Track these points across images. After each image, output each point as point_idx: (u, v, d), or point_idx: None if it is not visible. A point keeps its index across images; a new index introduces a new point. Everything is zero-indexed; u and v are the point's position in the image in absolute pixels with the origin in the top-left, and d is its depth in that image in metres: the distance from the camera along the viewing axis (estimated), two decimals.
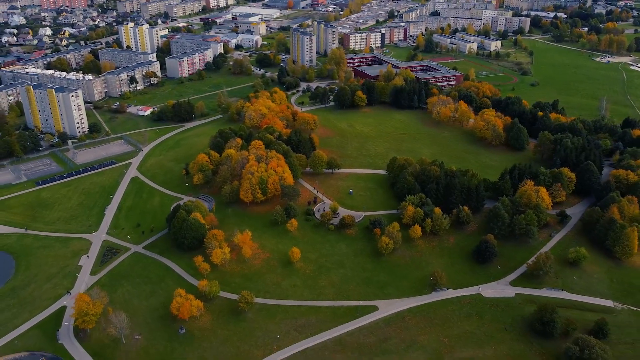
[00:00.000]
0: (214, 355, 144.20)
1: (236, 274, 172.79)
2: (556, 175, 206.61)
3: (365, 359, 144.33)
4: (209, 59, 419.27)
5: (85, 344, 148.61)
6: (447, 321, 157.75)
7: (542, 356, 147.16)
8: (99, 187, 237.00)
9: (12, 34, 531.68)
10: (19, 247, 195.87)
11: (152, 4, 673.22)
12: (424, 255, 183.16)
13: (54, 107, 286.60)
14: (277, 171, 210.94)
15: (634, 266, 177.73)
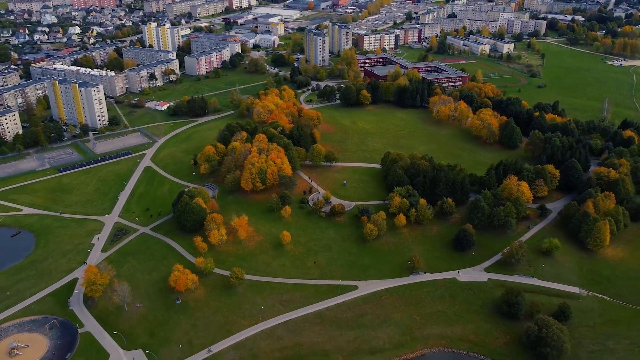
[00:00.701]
0: (204, 323, 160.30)
1: (231, 254, 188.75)
2: (539, 172, 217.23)
3: (342, 332, 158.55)
4: (226, 57, 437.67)
5: (92, 311, 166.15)
6: (421, 301, 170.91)
7: (506, 335, 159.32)
8: (114, 174, 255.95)
9: (43, 32, 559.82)
10: (39, 226, 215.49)
11: (177, 5, 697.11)
12: (406, 242, 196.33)
13: (77, 100, 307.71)
14: (276, 162, 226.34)
15: (605, 257, 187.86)
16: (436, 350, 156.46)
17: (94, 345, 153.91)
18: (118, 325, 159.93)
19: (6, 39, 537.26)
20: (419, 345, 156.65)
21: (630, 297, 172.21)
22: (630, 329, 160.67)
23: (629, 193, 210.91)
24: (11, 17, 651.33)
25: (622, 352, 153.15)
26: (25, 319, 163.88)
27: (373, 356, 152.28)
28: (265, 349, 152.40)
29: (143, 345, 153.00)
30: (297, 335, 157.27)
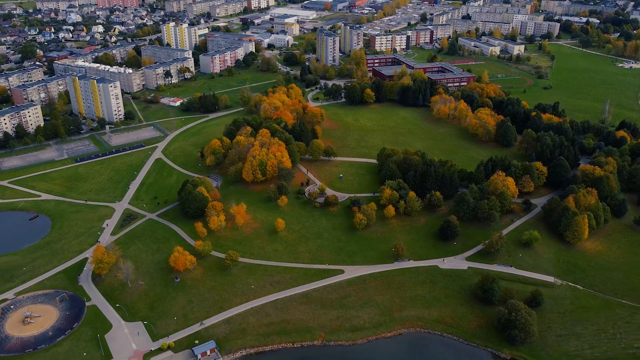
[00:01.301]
0: (199, 300, 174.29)
1: (228, 239, 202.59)
2: (527, 168, 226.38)
3: (325, 311, 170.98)
4: (240, 56, 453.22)
5: (99, 286, 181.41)
6: (402, 286, 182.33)
7: (480, 319, 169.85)
8: (127, 165, 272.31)
9: (68, 31, 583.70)
10: (55, 211, 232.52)
11: (197, 5, 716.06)
12: (394, 231, 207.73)
13: (95, 96, 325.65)
14: (276, 155, 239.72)
15: (582, 249, 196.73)
16: (413, 330, 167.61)
17: (99, 316, 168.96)
18: (121, 300, 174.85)
19: (33, 36, 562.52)
20: (397, 325, 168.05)
21: (601, 287, 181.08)
22: (599, 316, 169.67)
23: (613, 190, 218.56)
24: (39, 16, 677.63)
25: (589, 337, 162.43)
26: (38, 292, 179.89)
27: (353, 333, 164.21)
28: (254, 324, 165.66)
29: (143, 318, 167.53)
30: (284, 313, 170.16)
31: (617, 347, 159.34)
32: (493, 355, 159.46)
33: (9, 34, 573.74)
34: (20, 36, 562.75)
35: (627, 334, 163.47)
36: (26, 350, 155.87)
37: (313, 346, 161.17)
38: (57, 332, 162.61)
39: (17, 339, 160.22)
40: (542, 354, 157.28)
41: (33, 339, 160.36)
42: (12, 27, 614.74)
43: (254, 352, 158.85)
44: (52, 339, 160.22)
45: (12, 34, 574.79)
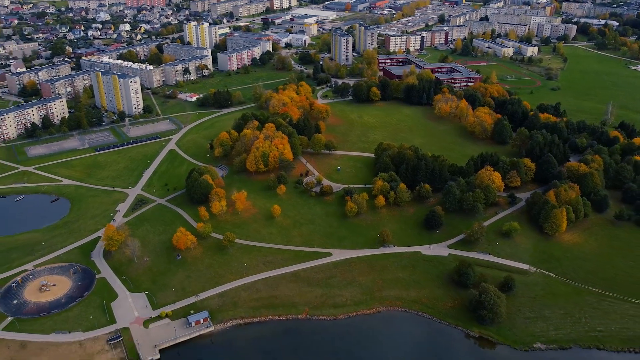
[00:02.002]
0: (197, 276, 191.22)
1: (228, 222, 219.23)
2: (515, 164, 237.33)
3: (311, 289, 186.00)
4: (256, 55, 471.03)
5: (109, 261, 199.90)
6: (385, 269, 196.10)
7: (454, 300, 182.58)
8: (142, 155, 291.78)
9: (96, 29, 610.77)
10: (75, 194, 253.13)
11: (221, 5, 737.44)
12: (383, 220, 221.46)
13: (116, 90, 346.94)
14: (278, 148, 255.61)
15: (560, 241, 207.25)
16: (390, 309, 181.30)
17: (107, 287, 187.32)
18: (127, 273, 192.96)
19: (64, 34, 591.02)
20: (376, 304, 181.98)
21: (573, 275, 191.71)
22: (567, 302, 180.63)
23: (597, 186, 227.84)
24: (70, 15, 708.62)
25: (555, 320, 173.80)
26: (54, 265, 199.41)
27: (335, 309, 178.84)
28: (245, 298, 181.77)
29: (145, 289, 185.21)
30: (273, 289, 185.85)
31: (580, 329, 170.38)
32: (463, 333, 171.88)
33: (41, 31, 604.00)
34: (52, 34, 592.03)
35: (592, 319, 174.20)
36: (41, 314, 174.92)
37: (297, 319, 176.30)
38: (69, 300, 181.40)
39: (34, 304, 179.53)
40: (509, 334, 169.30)
41: (48, 304, 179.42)
42: (45, 25, 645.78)
43: (243, 322, 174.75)
44: (64, 305, 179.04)
45: (45, 31, 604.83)
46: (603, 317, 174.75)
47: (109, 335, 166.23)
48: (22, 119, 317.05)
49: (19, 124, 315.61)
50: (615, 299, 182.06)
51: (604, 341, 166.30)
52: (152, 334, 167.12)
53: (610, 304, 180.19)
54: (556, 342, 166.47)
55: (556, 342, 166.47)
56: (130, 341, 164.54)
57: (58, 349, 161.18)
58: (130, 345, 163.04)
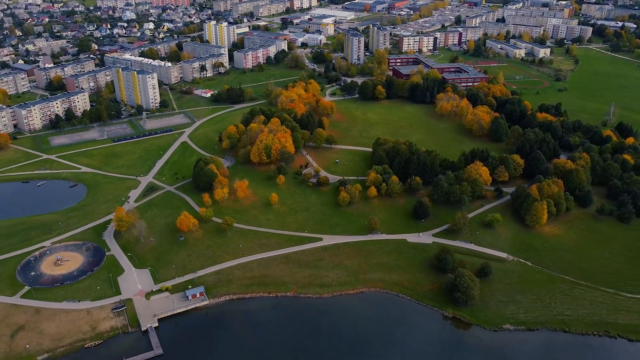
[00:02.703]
0: (197, 255, 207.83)
1: (229, 208, 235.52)
2: (503, 159, 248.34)
3: (301, 270, 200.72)
4: (271, 54, 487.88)
5: (118, 241, 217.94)
6: (371, 254, 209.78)
7: (433, 284, 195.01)
8: (156, 146, 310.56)
9: (122, 27, 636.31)
10: (92, 181, 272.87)
11: (243, 4, 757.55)
12: (374, 209, 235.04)
13: (135, 85, 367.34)
14: (281, 141, 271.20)
15: (540, 232, 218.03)
16: (373, 290, 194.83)
17: (115, 263, 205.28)
18: (134, 251, 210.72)
19: (91, 32, 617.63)
20: (360, 285, 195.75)
21: (549, 264, 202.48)
22: (541, 289, 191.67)
23: (582, 182, 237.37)
24: (98, 13, 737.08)
25: (526, 304, 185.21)
26: (69, 242, 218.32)
27: (321, 289, 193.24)
28: (239, 276, 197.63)
29: (149, 266, 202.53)
30: (265, 269, 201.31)
31: (549, 313, 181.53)
32: (438, 314, 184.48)
33: (70, 29, 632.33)
34: (79, 31, 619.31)
35: (561, 304, 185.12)
36: (55, 284, 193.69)
37: (286, 297, 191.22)
38: (81, 273, 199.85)
39: (49, 276, 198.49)
40: (481, 315, 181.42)
41: (61, 276, 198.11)
42: (73, 23, 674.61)
43: (236, 298, 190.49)
44: (75, 277, 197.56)
45: (73, 29, 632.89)
46: (572, 303, 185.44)
47: (113, 305, 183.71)
48: (47, 111, 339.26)
49: (44, 116, 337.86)
50: (587, 287, 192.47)
51: (570, 324, 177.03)
52: (153, 305, 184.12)
53: (581, 292, 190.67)
54: (524, 324, 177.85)
55: (524, 324, 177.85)
56: (132, 310, 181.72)
57: (68, 315, 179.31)
58: (132, 314, 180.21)
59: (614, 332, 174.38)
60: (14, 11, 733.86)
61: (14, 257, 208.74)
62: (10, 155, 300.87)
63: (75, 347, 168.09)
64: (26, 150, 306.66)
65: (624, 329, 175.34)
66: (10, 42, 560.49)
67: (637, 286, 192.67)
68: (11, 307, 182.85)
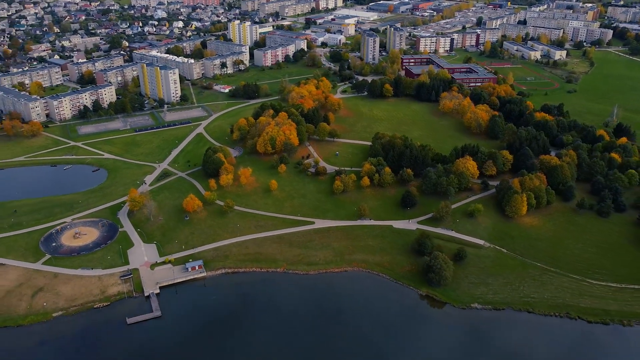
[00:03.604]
0: (199, 233, 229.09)
1: (233, 193, 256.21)
2: (492, 155, 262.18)
3: (291, 249, 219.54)
4: (290, 52, 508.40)
5: (131, 219, 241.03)
6: (358, 237, 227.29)
7: (411, 266, 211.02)
8: (173, 136, 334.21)
9: (152, 25, 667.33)
10: (112, 166, 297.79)
11: (269, 4, 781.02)
12: (366, 198, 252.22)
13: (158, 80, 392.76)
14: (285, 133, 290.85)
15: (519, 223, 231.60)
16: (356, 269, 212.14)
17: (126, 238, 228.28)
18: (144, 228, 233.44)
19: (123, 30, 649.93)
20: (344, 264, 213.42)
21: (523, 252, 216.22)
22: (512, 273, 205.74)
23: (566, 178, 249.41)
24: (131, 12, 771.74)
25: (496, 286, 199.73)
26: (87, 219, 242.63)
27: (308, 266, 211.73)
28: (235, 252, 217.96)
29: (156, 241, 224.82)
30: (259, 247, 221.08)
31: (515, 295, 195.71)
32: (413, 292, 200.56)
33: (104, 27, 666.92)
34: (113, 29, 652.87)
35: (529, 287, 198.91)
36: (72, 254, 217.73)
37: (276, 272, 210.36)
38: (95, 245, 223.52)
39: (68, 247, 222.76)
40: (452, 294, 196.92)
41: (78, 248, 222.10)
42: (108, 21, 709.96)
43: (231, 271, 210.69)
44: (91, 249, 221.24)
45: (107, 27, 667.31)
46: (539, 287, 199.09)
47: (121, 273, 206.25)
48: (76, 102, 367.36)
49: (73, 107, 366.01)
50: (556, 274, 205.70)
51: (534, 305, 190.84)
52: (156, 274, 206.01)
53: (550, 277, 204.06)
54: (492, 303, 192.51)
55: (492, 303, 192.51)
56: (137, 278, 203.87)
57: (81, 280, 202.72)
58: (137, 282, 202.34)
59: (575, 314, 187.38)
60: (54, 9, 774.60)
61: (38, 230, 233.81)
62: (42, 142, 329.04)
63: (85, 307, 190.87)
64: (56, 138, 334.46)
65: (585, 311, 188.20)
66: (48, 38, 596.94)
67: (604, 274, 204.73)
68: (33, 271, 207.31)
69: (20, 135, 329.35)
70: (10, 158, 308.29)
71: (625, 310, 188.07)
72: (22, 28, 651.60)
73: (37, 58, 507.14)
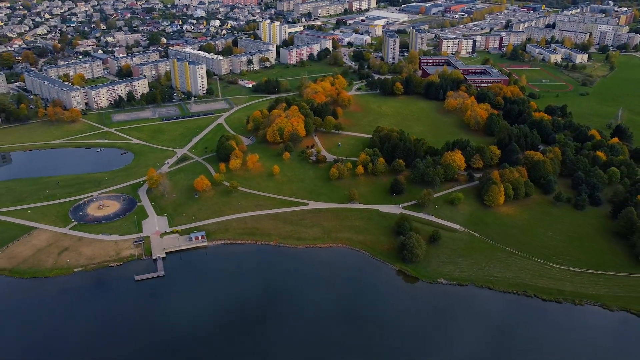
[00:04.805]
0: (205, 209, 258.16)
1: (240, 176, 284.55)
2: (480, 149, 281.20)
3: (285, 225, 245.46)
4: (315, 51, 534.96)
5: (148, 195, 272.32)
6: (346, 218, 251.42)
7: (390, 244, 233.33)
8: (196, 126, 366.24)
9: (191, 24, 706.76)
10: (138, 150, 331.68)
11: (304, 5, 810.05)
12: (359, 184, 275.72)
13: (186, 74, 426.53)
14: (293, 125, 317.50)
15: (496, 211, 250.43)
16: (340, 246, 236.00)
17: (142, 211, 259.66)
18: (158, 203, 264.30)
19: (164, 27, 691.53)
20: (330, 241, 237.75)
21: (494, 237, 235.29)
22: (480, 255, 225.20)
23: (548, 172, 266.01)
24: (173, 10, 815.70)
25: (463, 265, 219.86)
26: (111, 194, 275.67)
27: (297, 241, 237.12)
28: (234, 226, 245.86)
29: (167, 214, 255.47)
30: (257, 223, 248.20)
31: (480, 274, 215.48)
32: (388, 267, 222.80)
33: (147, 24, 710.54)
34: (154, 26, 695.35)
35: (493, 268, 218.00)
36: (95, 222, 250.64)
37: (269, 245, 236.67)
38: (115, 216, 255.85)
39: (92, 216, 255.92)
40: (422, 270, 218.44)
41: (101, 217, 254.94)
42: (151, 19, 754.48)
43: (229, 242, 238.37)
44: (111, 218, 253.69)
45: (150, 24, 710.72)
46: (503, 268, 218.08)
47: (134, 239, 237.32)
48: (112, 92, 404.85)
49: (109, 97, 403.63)
50: (521, 257, 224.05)
51: (495, 283, 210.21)
52: (164, 242, 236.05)
53: (515, 260, 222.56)
54: (457, 280, 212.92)
55: (457, 280, 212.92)
56: (148, 244, 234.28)
57: (101, 243, 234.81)
58: (147, 247, 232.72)
59: (531, 292, 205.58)
60: (103, 7, 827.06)
61: (69, 201, 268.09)
62: (79, 127, 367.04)
63: (102, 265, 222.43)
64: (92, 124, 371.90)
65: (541, 290, 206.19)
66: (95, 34, 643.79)
67: (566, 260, 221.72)
68: (61, 235, 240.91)
69: (61, 121, 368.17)
70: (51, 140, 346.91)
71: (579, 292, 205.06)
72: (73, 24, 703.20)
73: (83, 52, 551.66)
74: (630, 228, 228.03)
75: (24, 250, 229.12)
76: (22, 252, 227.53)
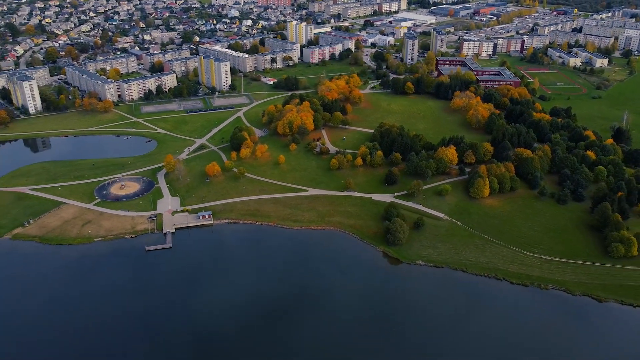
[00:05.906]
0: (214, 192, 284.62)
1: (248, 164, 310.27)
2: (473, 145, 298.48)
3: (284, 209, 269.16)
4: (337, 51, 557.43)
5: (166, 178, 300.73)
6: (340, 204, 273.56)
7: (378, 228, 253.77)
8: (216, 118, 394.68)
9: (224, 23, 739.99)
10: (162, 139, 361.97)
11: (334, 6, 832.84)
12: (357, 175, 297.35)
13: (212, 70, 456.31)
14: (302, 119, 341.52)
15: (480, 203, 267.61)
16: (332, 229, 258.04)
17: (159, 192, 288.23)
18: (173, 185, 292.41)
19: (198, 26, 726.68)
20: (324, 224, 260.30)
21: (474, 225, 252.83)
22: (459, 242, 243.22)
23: (535, 169, 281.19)
24: (209, 10, 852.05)
25: (441, 249, 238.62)
26: (133, 176, 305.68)
27: (294, 223, 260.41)
28: (238, 208, 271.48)
29: (180, 195, 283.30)
30: (259, 206, 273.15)
31: (455, 257, 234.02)
32: (373, 249, 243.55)
33: (183, 23, 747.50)
34: (190, 25, 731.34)
35: (469, 253, 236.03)
36: (116, 200, 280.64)
37: (268, 225, 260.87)
38: (134, 195, 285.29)
39: (114, 195, 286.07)
40: (403, 253, 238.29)
41: (121, 196, 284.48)
42: (188, 18, 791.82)
43: (233, 222, 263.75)
44: (131, 197, 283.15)
45: (185, 23, 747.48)
46: (478, 253, 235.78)
47: (149, 215, 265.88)
48: (142, 86, 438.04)
49: (140, 90, 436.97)
50: (497, 245, 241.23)
51: (469, 266, 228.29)
52: (174, 219, 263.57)
53: (491, 247, 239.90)
54: (433, 262, 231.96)
55: (433, 262, 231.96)
56: (160, 220, 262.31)
57: (119, 218, 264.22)
58: (160, 223, 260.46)
59: (501, 275, 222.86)
60: (144, 6, 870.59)
61: (95, 182, 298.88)
62: (111, 117, 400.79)
63: (119, 236, 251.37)
64: (122, 114, 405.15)
65: (510, 275, 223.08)
66: (134, 32, 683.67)
67: (540, 249, 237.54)
68: (86, 210, 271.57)
69: (95, 111, 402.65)
70: (85, 127, 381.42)
71: (546, 277, 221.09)
72: (114, 22, 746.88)
73: (121, 49, 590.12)
74: (604, 222, 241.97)
75: (53, 221, 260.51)
76: (51, 223, 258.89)
